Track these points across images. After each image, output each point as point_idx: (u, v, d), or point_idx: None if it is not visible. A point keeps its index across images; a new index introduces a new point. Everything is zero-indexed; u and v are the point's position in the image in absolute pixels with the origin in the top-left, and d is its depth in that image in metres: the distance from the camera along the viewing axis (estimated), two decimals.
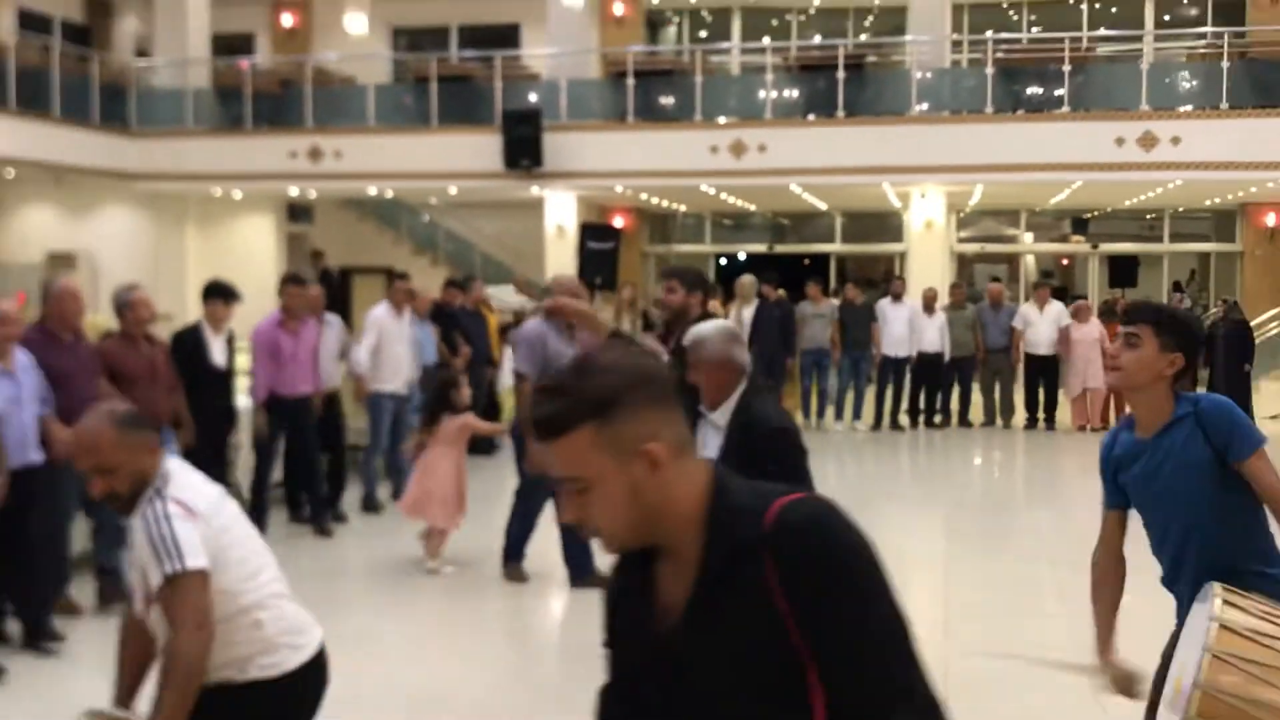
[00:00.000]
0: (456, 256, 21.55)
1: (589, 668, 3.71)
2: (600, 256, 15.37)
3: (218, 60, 19.38)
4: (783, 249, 21.72)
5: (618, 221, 20.02)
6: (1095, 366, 13.98)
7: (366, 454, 9.39)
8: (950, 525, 9.37)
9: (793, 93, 17.26)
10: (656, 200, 19.77)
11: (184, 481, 2.98)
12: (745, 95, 17.17)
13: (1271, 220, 19.07)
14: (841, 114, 16.21)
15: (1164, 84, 16.15)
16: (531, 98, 17.40)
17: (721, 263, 21.91)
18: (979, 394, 14.56)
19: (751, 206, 20.82)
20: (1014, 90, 16.39)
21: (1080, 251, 21.88)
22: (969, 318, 14.36)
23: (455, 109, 17.47)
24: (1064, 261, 23.27)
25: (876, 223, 20.86)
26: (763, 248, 21.84)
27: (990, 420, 14.45)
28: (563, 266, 17.02)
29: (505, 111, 16.64)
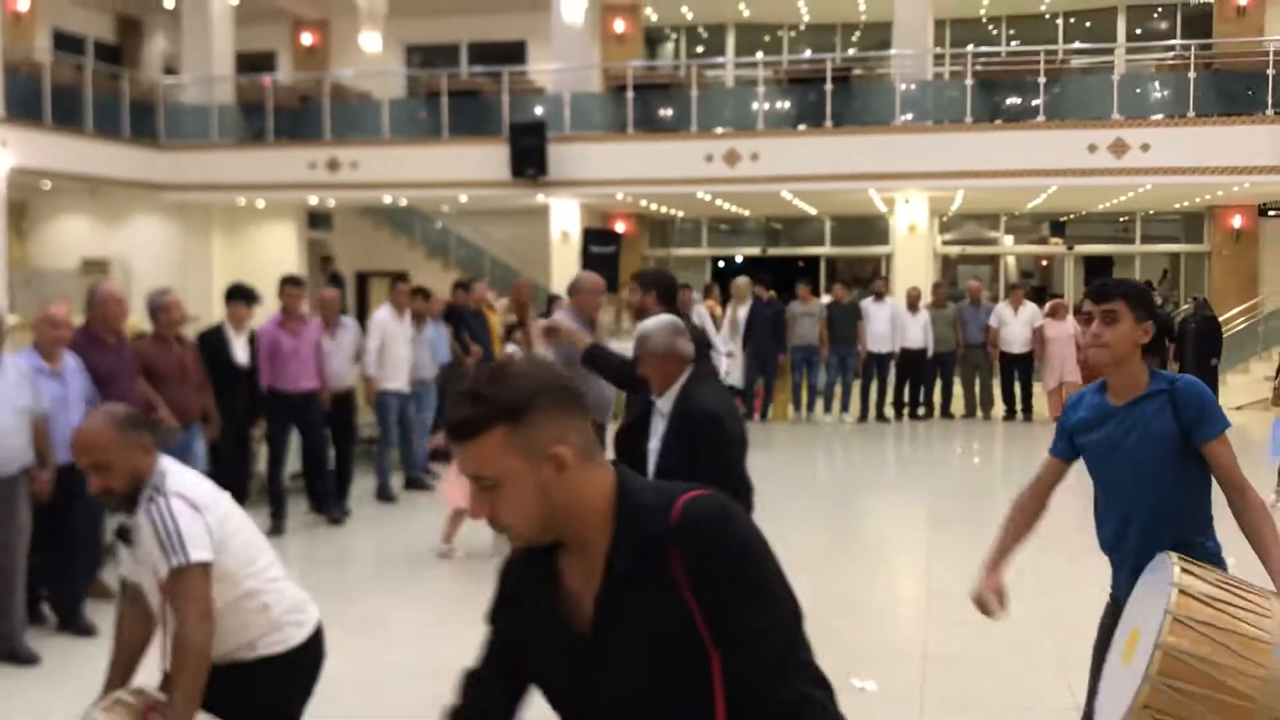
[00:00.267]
0: (467, 261, 21.61)
1: None
2: (602, 260, 15.44)
3: (241, 77, 19.47)
4: (776, 252, 21.77)
5: (619, 227, 20.07)
6: (1071, 362, 14.05)
7: (379, 449, 9.45)
8: (932, 511, 9.41)
9: (783, 104, 17.31)
10: (655, 206, 19.82)
11: (181, 477, 3.01)
12: (739, 107, 17.21)
13: (1238, 222, 19.08)
14: (830, 124, 16.28)
15: (1134, 94, 16.18)
16: (537, 110, 17.46)
17: (720, 265, 21.97)
18: (960, 387, 14.64)
19: (745, 212, 20.86)
20: (992, 101, 16.42)
21: (1057, 253, 21.90)
22: (950, 316, 14.43)
23: (465, 122, 17.54)
24: (1043, 262, 23.28)
25: (864, 226, 20.90)
26: (757, 251, 21.90)
27: (971, 412, 14.52)
28: (567, 270, 17.07)
29: (512, 124, 16.72)
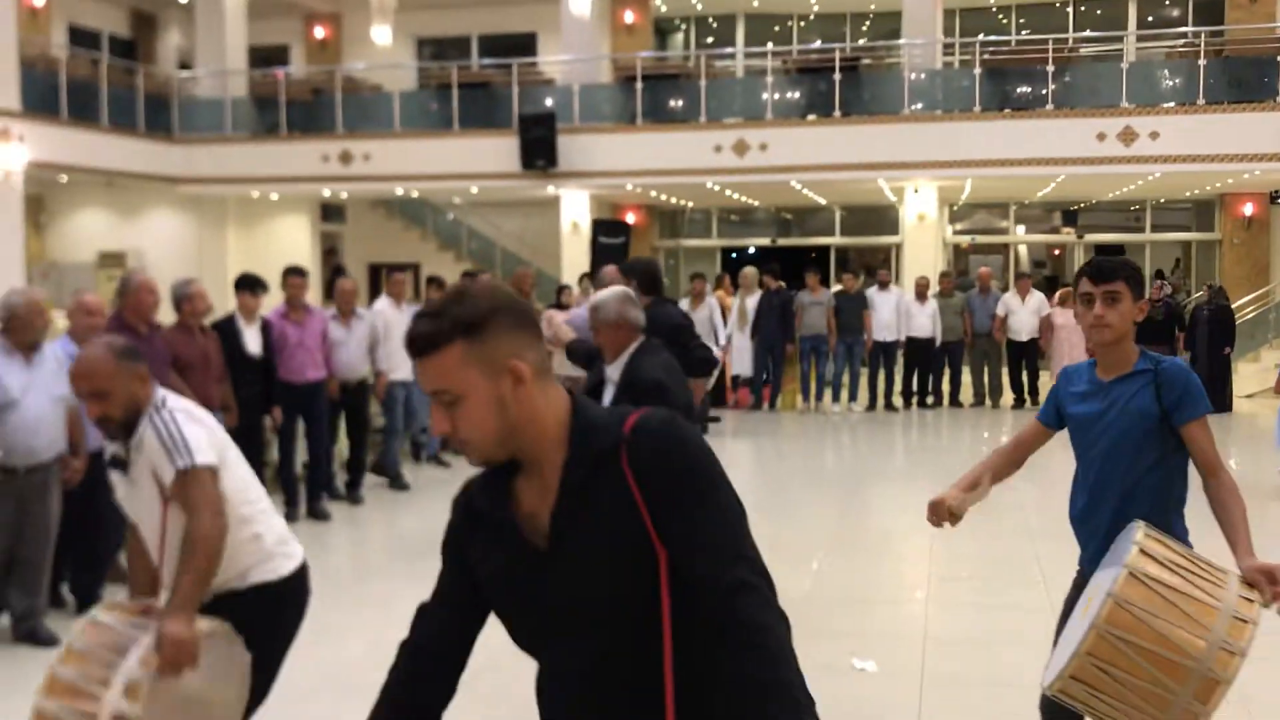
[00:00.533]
0: (479, 253, 21.73)
1: None
2: (611, 250, 15.55)
3: (255, 71, 19.61)
4: (786, 242, 21.80)
5: (629, 218, 20.15)
6: (1078, 350, 14.09)
7: (387, 438, 9.52)
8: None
9: (793, 94, 17.34)
10: (665, 197, 19.88)
11: (182, 400, 3.10)
12: (748, 97, 17.26)
13: (1249, 210, 19.05)
14: (838, 114, 16.31)
15: (1144, 82, 16.15)
16: (547, 102, 17.55)
17: (733, 256, 22.00)
18: (969, 376, 14.68)
19: (755, 202, 20.91)
20: (1001, 90, 16.43)
21: (1068, 242, 21.89)
22: (958, 304, 14.47)
23: (476, 114, 17.63)
24: (1055, 252, 23.26)
25: (874, 216, 20.93)
26: (767, 241, 21.94)
27: (980, 401, 14.57)
28: (577, 261, 17.19)
29: (522, 115, 16.80)
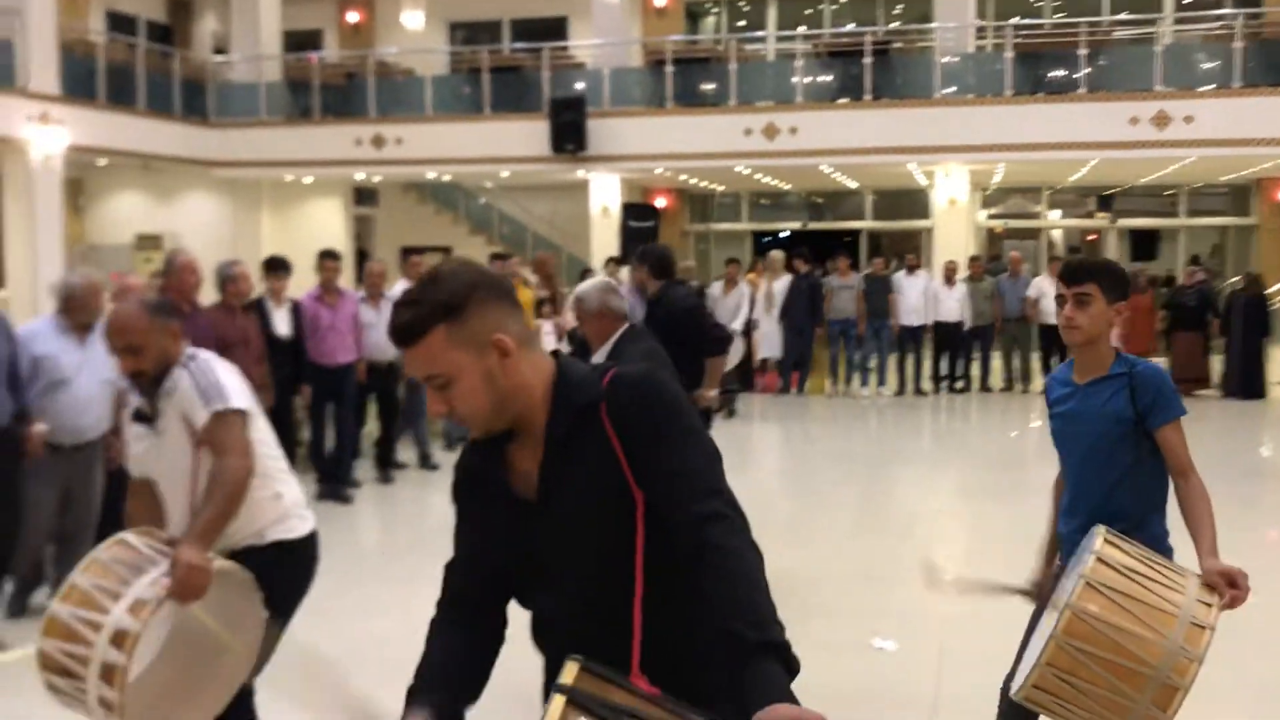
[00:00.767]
0: (510, 236, 21.83)
1: None
2: (641, 234, 15.63)
3: (289, 56, 19.77)
4: (817, 226, 21.75)
5: (660, 202, 20.18)
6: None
7: (415, 420, 9.57)
8: (965, 483, 9.49)
9: (823, 77, 17.31)
10: (695, 181, 19.90)
11: (213, 355, 3.17)
12: (778, 80, 17.23)
13: None
14: (869, 97, 16.27)
15: (1179, 65, 15.99)
16: (578, 86, 17.60)
17: (766, 240, 21.97)
18: (999, 361, 14.64)
19: (786, 186, 20.88)
20: (1034, 73, 16.32)
21: (1102, 226, 21.71)
22: (988, 289, 14.43)
23: (506, 98, 17.72)
24: (1091, 237, 23.06)
25: (905, 200, 20.85)
26: (797, 225, 21.91)
27: (1010, 386, 14.53)
28: (607, 245, 17.26)
29: (552, 99, 16.86)
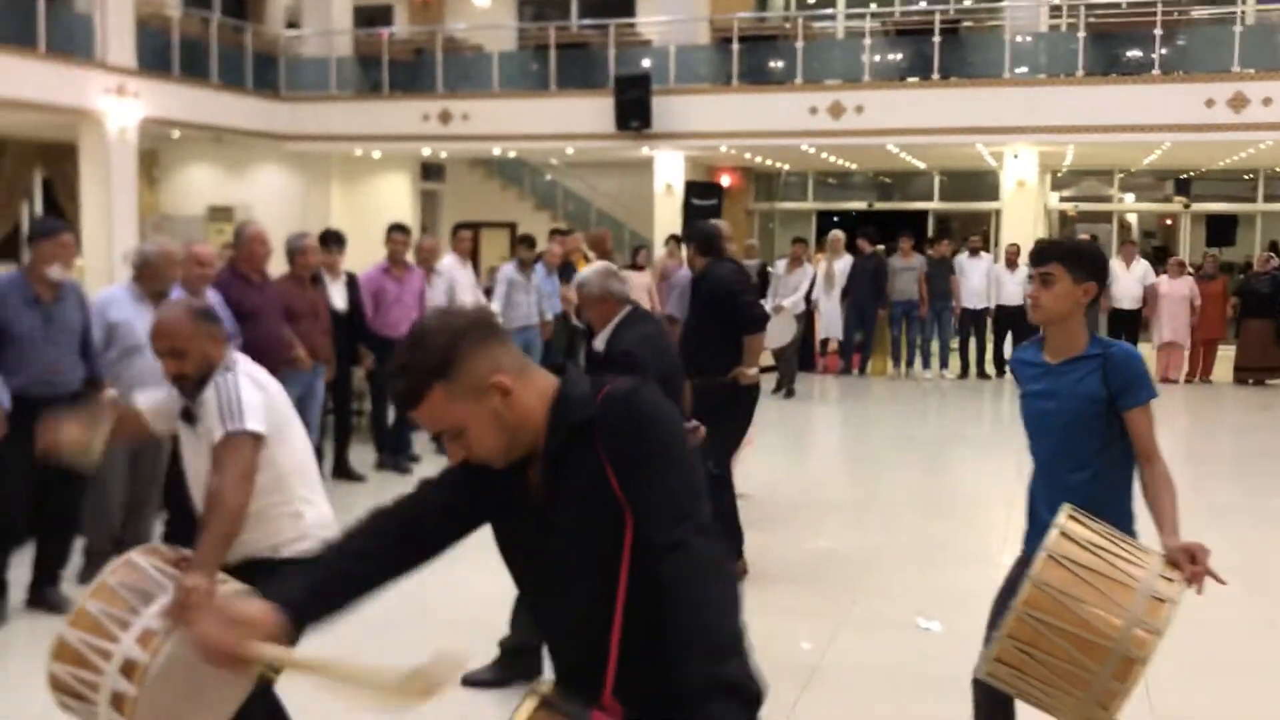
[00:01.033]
0: (575, 213, 21.90)
1: None
2: (703, 212, 15.59)
3: (359, 31, 19.95)
4: (883, 206, 21.53)
5: (724, 180, 20.12)
6: (1179, 322, 13.80)
7: None
8: (1022, 467, 9.38)
9: (891, 56, 17.11)
10: (761, 159, 19.80)
11: (253, 365, 3.22)
12: (845, 59, 17.05)
13: None
14: (937, 76, 16.05)
15: (1260, 46, 15.54)
16: (644, 63, 17.58)
17: (834, 219, 21.78)
18: None
19: (852, 165, 20.70)
20: (1107, 53, 15.98)
21: (1178, 211, 21.23)
22: None
23: (573, 74, 17.75)
24: (1167, 221, 22.56)
25: (973, 181, 20.55)
26: (863, 205, 21.71)
27: None
28: (669, 223, 17.25)
29: (617, 76, 16.87)
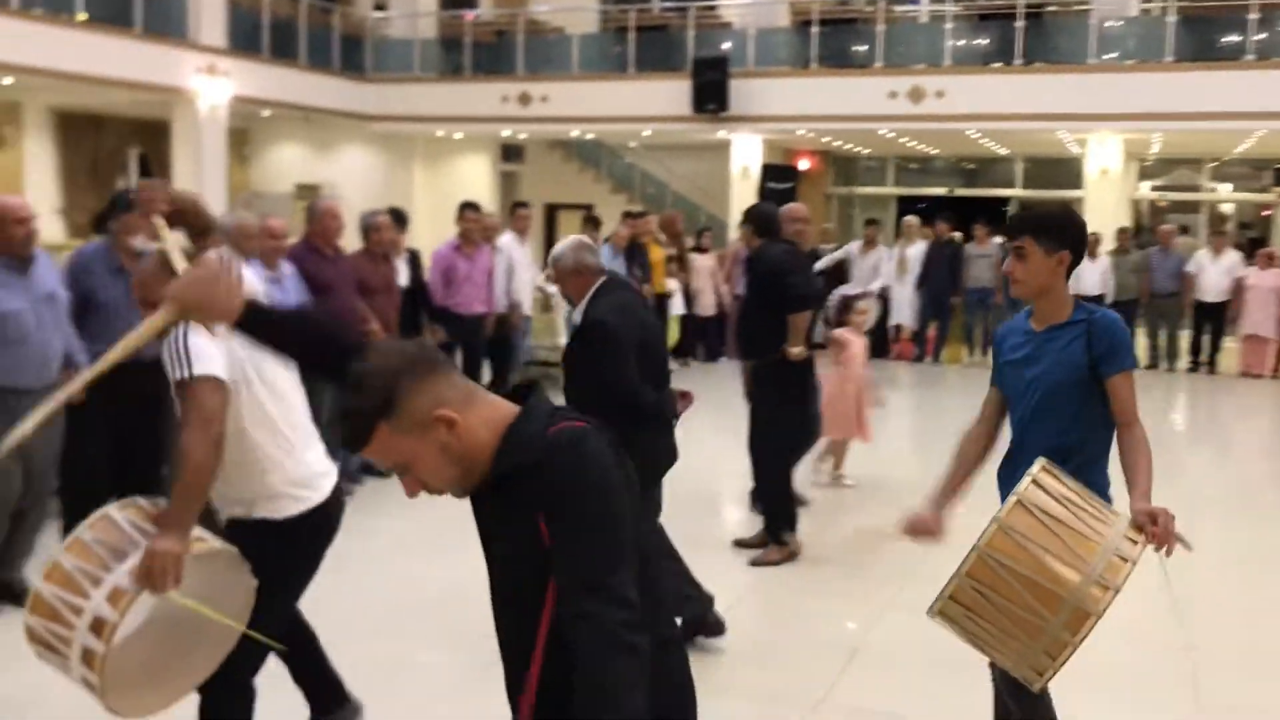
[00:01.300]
0: (653, 196, 21.98)
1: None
2: (779, 196, 15.53)
3: (444, 13, 20.22)
4: (964, 192, 21.27)
5: (803, 164, 20.03)
6: (1267, 314, 13.46)
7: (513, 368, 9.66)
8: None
9: (974, 41, 16.88)
10: (840, 144, 19.67)
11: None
12: (926, 43, 16.87)
13: None
14: (1020, 62, 15.80)
15: None
16: (725, 46, 17.56)
17: (921, 206, 21.54)
18: (1143, 337, 14.16)
19: (934, 151, 20.47)
20: (1197, 39, 15.57)
21: (1274, 201, 20.63)
22: (1134, 262, 13.94)
23: (651, 56, 17.81)
24: (1264, 212, 21.92)
25: (1057, 168, 20.20)
26: (944, 191, 21.46)
27: (1154, 363, 14.04)
28: (745, 206, 17.22)
29: (695, 58, 16.89)
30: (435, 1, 20.12)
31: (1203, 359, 13.88)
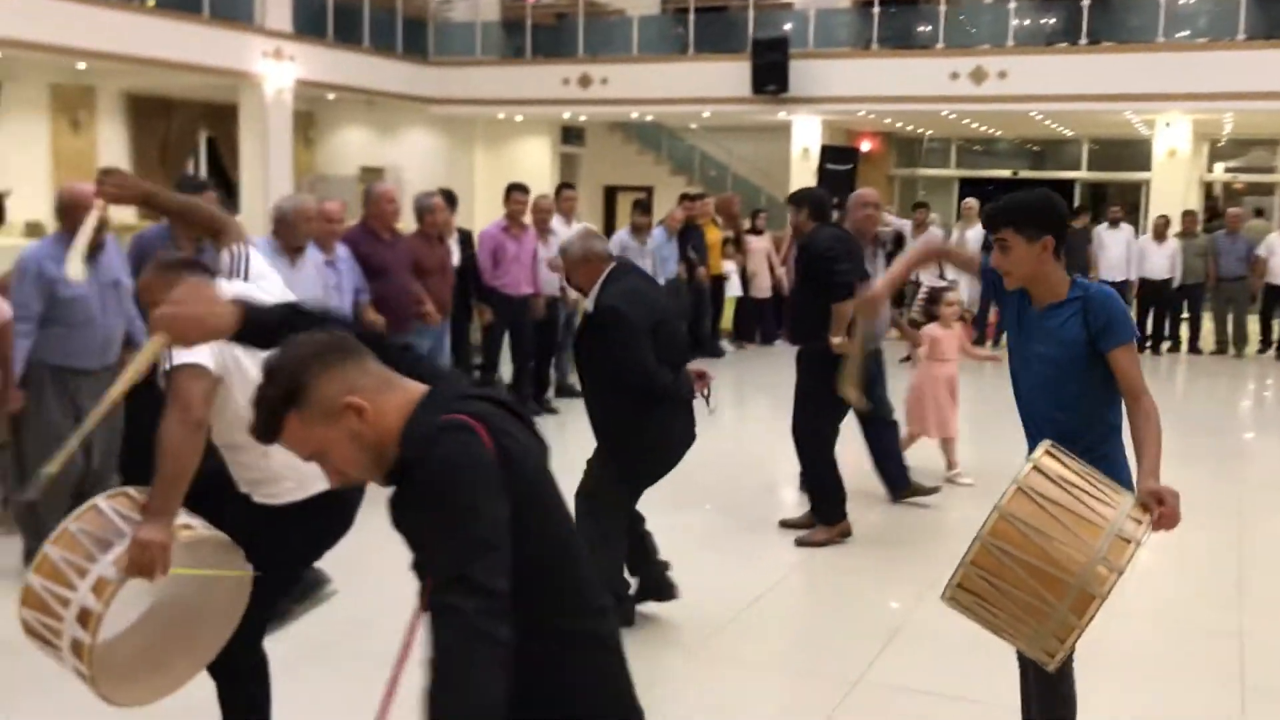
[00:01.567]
0: (713, 178, 21.95)
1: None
2: (838, 177, 15.48)
3: None
4: (1028, 175, 20.95)
5: (864, 145, 19.87)
6: None
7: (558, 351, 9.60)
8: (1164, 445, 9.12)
9: (1038, 20, 16.62)
10: (903, 125, 19.48)
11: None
12: (990, 23, 16.65)
13: None
14: (1085, 41, 15.53)
15: None
16: (786, 26, 17.47)
17: (990, 188, 21.29)
18: (1211, 322, 13.90)
19: (997, 132, 20.19)
20: (1270, 16, 15.17)
21: None
22: (1201, 245, 13.67)
23: (711, 37, 17.78)
24: None
25: (1125, 150, 19.83)
26: (1008, 173, 21.16)
27: (1222, 349, 13.78)
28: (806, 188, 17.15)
29: (755, 39, 16.82)
30: None
31: (1273, 342, 13.59)
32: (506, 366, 8.94)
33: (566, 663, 1.94)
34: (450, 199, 8.03)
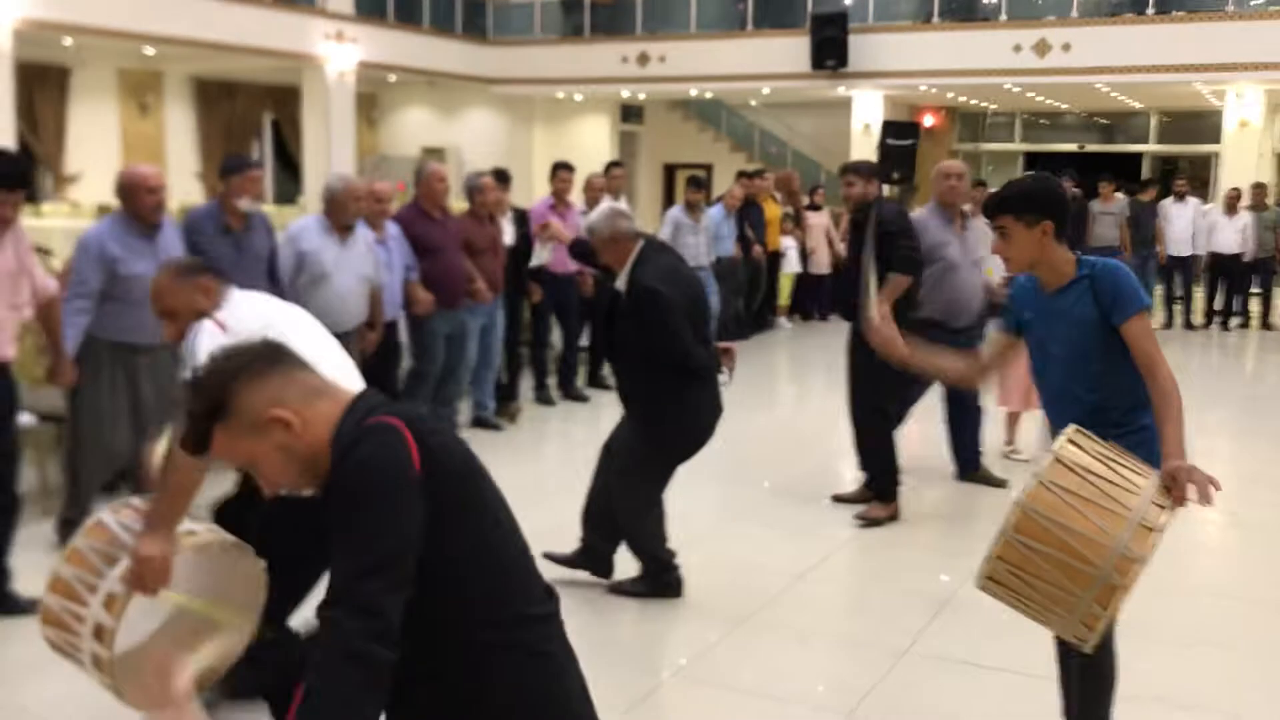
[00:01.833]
0: (773, 155, 21.81)
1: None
2: (900, 152, 15.29)
3: None
4: (1095, 148, 20.56)
5: (927, 120, 19.62)
6: None
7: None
8: (1230, 421, 8.92)
9: None
10: (966, 99, 19.20)
11: (237, 304, 3.07)
12: None
13: None
14: (1151, 11, 15.16)
15: None
16: (845, 1, 17.29)
17: (1062, 161, 20.92)
18: None
19: (1063, 105, 19.82)
20: None
21: None
22: (1271, 219, 13.32)
23: (770, 13, 17.65)
24: None
25: (1195, 122, 19.36)
26: (1074, 147, 20.78)
27: None
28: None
29: (814, 14, 16.66)
30: None
31: None
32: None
33: (487, 672, 1.86)
34: (502, 177, 8.03)
